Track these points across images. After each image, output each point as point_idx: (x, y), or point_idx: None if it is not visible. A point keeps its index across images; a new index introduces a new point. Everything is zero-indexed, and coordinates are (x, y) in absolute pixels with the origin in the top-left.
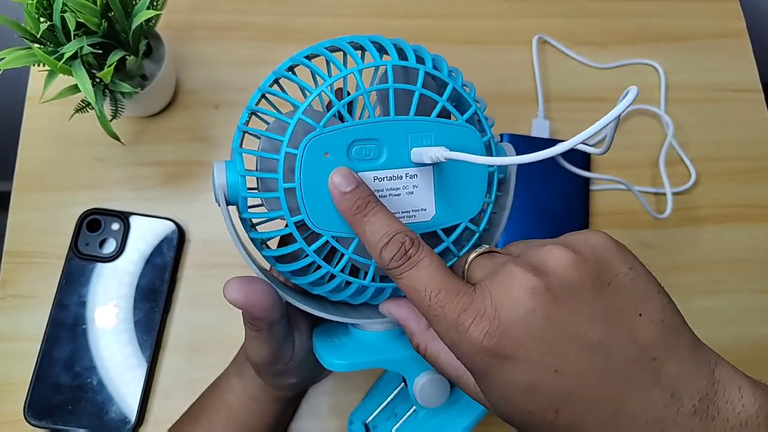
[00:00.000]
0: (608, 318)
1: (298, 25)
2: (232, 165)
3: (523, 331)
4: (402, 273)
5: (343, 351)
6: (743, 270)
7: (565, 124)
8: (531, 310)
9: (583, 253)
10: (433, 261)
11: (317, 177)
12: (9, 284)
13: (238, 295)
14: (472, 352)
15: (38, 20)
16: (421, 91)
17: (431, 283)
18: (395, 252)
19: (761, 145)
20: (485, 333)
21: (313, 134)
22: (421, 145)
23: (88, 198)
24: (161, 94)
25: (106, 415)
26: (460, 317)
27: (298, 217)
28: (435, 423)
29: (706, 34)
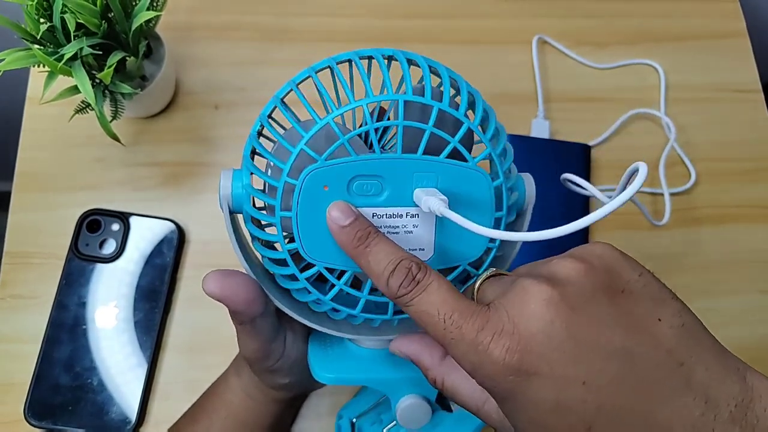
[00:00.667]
0: (628, 324)
1: (298, 26)
2: (238, 175)
3: (545, 344)
4: (412, 299)
5: (333, 364)
6: (743, 270)
7: (565, 124)
8: (550, 322)
9: (592, 263)
10: (443, 284)
11: (314, 208)
12: (9, 285)
13: (214, 287)
14: (495, 373)
15: (38, 21)
16: (433, 130)
17: (444, 306)
18: (402, 278)
19: (761, 146)
20: (506, 349)
21: (314, 167)
22: (426, 185)
23: (88, 198)
24: (161, 95)
25: (107, 415)
26: (478, 336)
27: (291, 246)
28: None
29: (706, 35)
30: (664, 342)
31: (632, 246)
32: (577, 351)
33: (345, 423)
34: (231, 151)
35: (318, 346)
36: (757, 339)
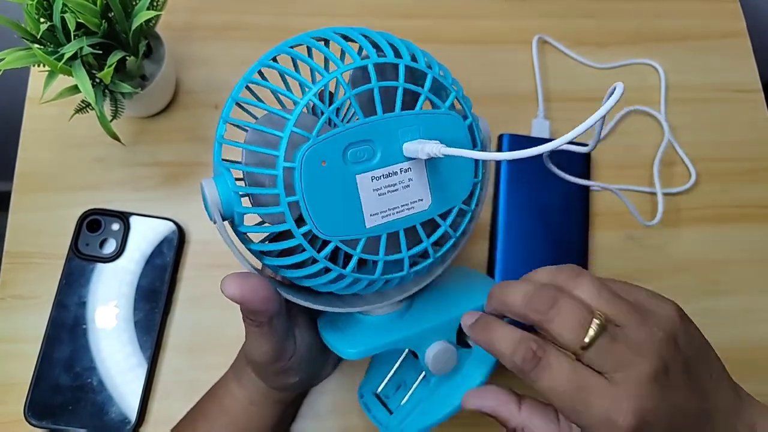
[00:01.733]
0: (700, 391)
1: (298, 25)
2: (221, 180)
3: (654, 416)
4: (538, 375)
5: (354, 339)
6: (743, 270)
7: (566, 124)
8: (660, 401)
9: (675, 336)
10: (562, 359)
11: (317, 186)
12: (9, 285)
13: (235, 290)
14: None
15: (38, 21)
16: (405, 85)
17: (568, 383)
18: (524, 354)
19: (761, 145)
20: (629, 425)
21: (308, 145)
22: (411, 138)
23: (88, 198)
24: (161, 95)
25: (107, 415)
26: (611, 413)
27: (304, 228)
28: (448, 386)
29: (706, 34)
30: (716, 399)
31: (632, 245)
32: (674, 419)
33: (370, 398)
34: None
35: (331, 329)
36: (757, 339)
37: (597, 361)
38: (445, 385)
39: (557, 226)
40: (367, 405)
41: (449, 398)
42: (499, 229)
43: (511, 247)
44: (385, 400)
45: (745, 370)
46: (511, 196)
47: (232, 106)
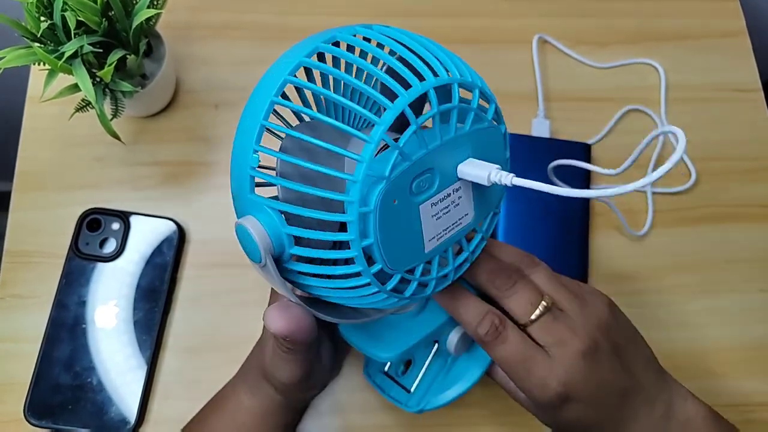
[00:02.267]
0: (626, 371)
1: (299, 25)
2: (267, 219)
3: (583, 386)
4: (495, 346)
5: (389, 343)
6: (743, 270)
7: (566, 123)
8: (588, 374)
9: (609, 324)
10: (515, 334)
11: (388, 225)
12: (9, 284)
13: (282, 325)
14: (548, 399)
15: (39, 19)
16: (460, 106)
17: (517, 354)
18: (488, 328)
19: (761, 145)
20: (559, 389)
21: (383, 187)
22: (462, 157)
23: (88, 197)
24: (161, 94)
25: (106, 415)
26: (546, 381)
27: (375, 268)
28: (464, 359)
29: (706, 34)
30: (640, 379)
31: (632, 245)
32: (599, 391)
33: (380, 378)
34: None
35: (359, 334)
36: (757, 339)
37: (540, 336)
38: (461, 360)
39: (557, 227)
40: (380, 385)
41: (467, 372)
42: (500, 230)
43: None
44: (397, 378)
45: (744, 370)
46: (512, 197)
47: (262, 131)
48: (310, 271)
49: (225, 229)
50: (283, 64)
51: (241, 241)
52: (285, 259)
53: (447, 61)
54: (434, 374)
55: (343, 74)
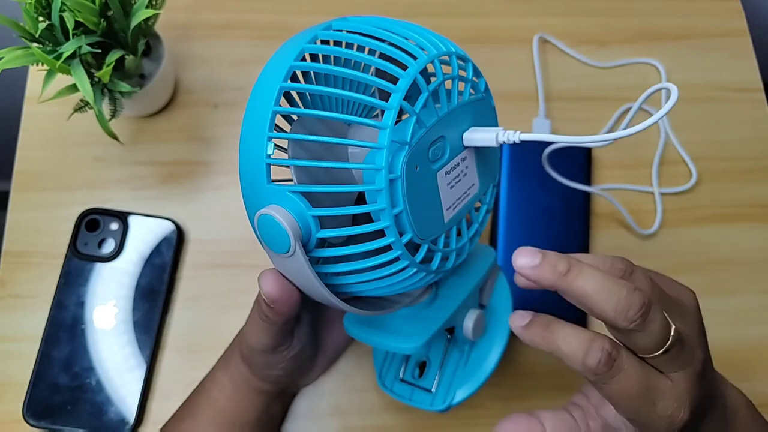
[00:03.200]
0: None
1: (298, 24)
2: (293, 205)
3: (700, 405)
4: (612, 377)
5: (407, 334)
6: (743, 270)
7: (566, 123)
8: (701, 390)
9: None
10: (632, 362)
11: (414, 192)
12: (8, 284)
13: (273, 289)
14: (676, 430)
15: (37, 19)
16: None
17: (640, 386)
18: (599, 357)
19: (762, 145)
20: (686, 421)
21: (407, 152)
22: (465, 126)
23: (87, 198)
24: (160, 94)
25: (105, 415)
26: (673, 411)
27: (406, 238)
28: (479, 348)
29: (707, 33)
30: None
31: (632, 245)
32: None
33: (399, 386)
34: (230, 150)
35: (371, 330)
36: (757, 339)
37: (666, 365)
38: (477, 348)
39: (558, 226)
40: (400, 393)
41: (485, 359)
42: (500, 229)
43: (512, 248)
44: (415, 382)
45: (745, 370)
46: (512, 196)
47: (274, 118)
48: (335, 254)
49: (224, 229)
50: (276, 70)
51: (263, 232)
52: (310, 247)
53: (426, 39)
54: (453, 367)
55: (341, 69)
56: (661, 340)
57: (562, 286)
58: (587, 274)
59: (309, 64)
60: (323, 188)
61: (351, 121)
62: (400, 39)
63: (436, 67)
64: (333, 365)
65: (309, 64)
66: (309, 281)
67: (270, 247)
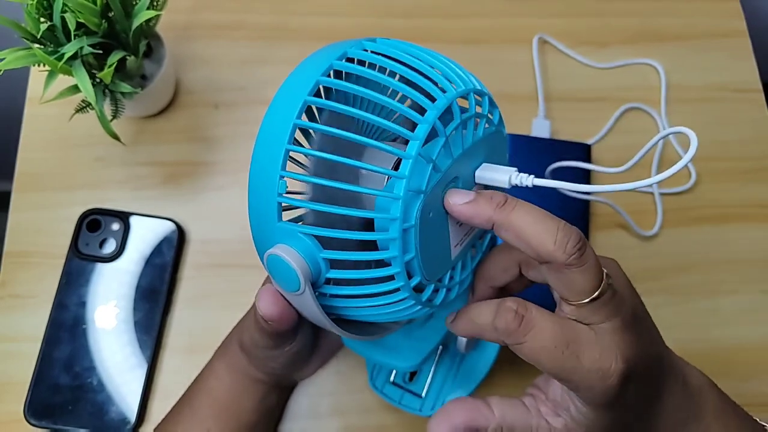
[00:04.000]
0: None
1: (298, 25)
2: (302, 246)
3: (639, 359)
4: (526, 335)
5: (405, 351)
6: (743, 270)
7: (566, 124)
8: (636, 345)
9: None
10: (544, 316)
11: (425, 238)
12: (9, 284)
13: (272, 310)
14: (610, 386)
15: (38, 20)
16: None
17: (557, 338)
18: (506, 317)
19: (762, 145)
20: (622, 371)
21: (422, 200)
22: (477, 162)
23: (88, 198)
24: (161, 94)
25: (106, 415)
26: (603, 363)
27: (414, 281)
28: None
29: (706, 34)
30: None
31: (633, 246)
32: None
33: (390, 389)
34: (231, 150)
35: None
36: (758, 339)
37: (592, 314)
38: (468, 358)
39: None
40: (390, 396)
41: (476, 367)
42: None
43: None
44: (405, 386)
45: (745, 370)
46: None
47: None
48: (344, 293)
49: (225, 230)
50: (299, 84)
51: (274, 271)
52: (319, 284)
53: (449, 71)
54: (444, 374)
55: (368, 92)
56: (596, 281)
57: (499, 218)
58: (524, 206)
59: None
60: (335, 233)
61: (373, 145)
62: (427, 68)
63: (454, 110)
64: (333, 365)
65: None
66: (315, 315)
67: (280, 285)
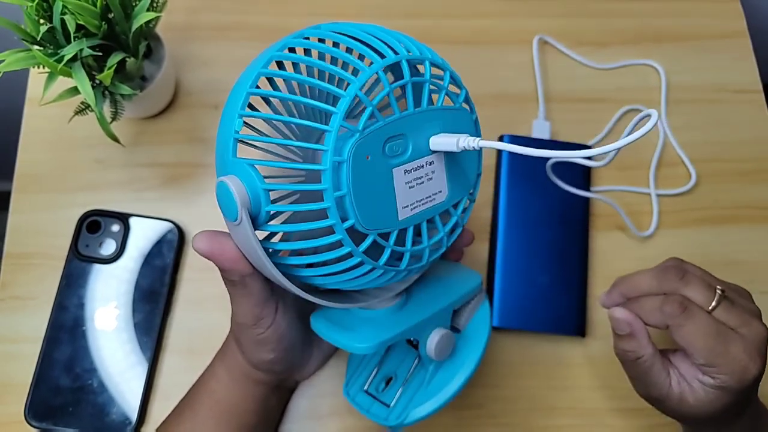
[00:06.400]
0: None
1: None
2: (247, 177)
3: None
4: (687, 320)
5: (362, 334)
6: (743, 271)
7: (566, 125)
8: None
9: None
10: (703, 312)
11: (361, 181)
12: (9, 286)
13: (205, 246)
14: (748, 380)
15: (38, 22)
16: (432, 81)
17: (710, 327)
18: (675, 305)
19: (762, 146)
20: (759, 370)
21: (356, 139)
22: (434, 131)
23: (88, 199)
24: (161, 96)
25: (107, 416)
26: (745, 360)
27: (348, 224)
28: (444, 371)
29: (706, 35)
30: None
31: (631, 246)
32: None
33: (361, 397)
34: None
35: (330, 326)
36: None
37: (726, 319)
38: (442, 371)
39: (557, 227)
40: (360, 404)
41: (447, 384)
42: (500, 230)
43: (512, 248)
44: (377, 395)
45: None
46: (512, 197)
47: (247, 99)
48: (281, 230)
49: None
50: (255, 64)
51: (219, 199)
52: (260, 221)
53: (410, 43)
54: (415, 387)
55: (295, 75)
56: (708, 294)
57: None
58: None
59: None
60: (275, 163)
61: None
62: (375, 40)
63: (404, 68)
64: (333, 366)
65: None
66: (253, 250)
67: (224, 214)
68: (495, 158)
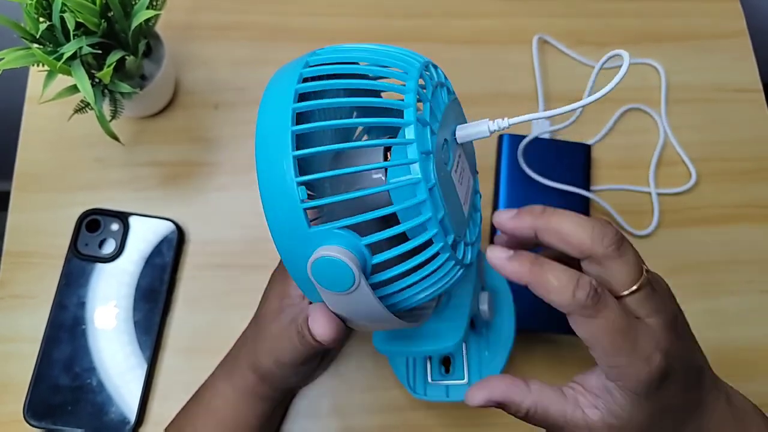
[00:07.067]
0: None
1: (298, 25)
2: (344, 240)
3: (677, 360)
4: (598, 312)
5: (443, 333)
6: (743, 270)
7: None
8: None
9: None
10: (614, 301)
11: (446, 196)
12: (8, 284)
13: (328, 331)
14: (651, 378)
15: (37, 20)
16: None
17: (621, 322)
18: (588, 291)
19: (762, 145)
20: (661, 366)
21: (434, 159)
22: (452, 126)
23: (88, 198)
24: (160, 94)
25: (106, 415)
26: (651, 353)
27: (450, 239)
28: (494, 328)
29: (706, 34)
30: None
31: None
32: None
33: (433, 389)
34: (230, 151)
35: (405, 343)
36: (757, 339)
37: (638, 307)
38: (492, 328)
39: None
40: (437, 395)
41: (503, 333)
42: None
43: None
44: (446, 379)
45: (745, 371)
46: (511, 197)
47: (296, 162)
48: (390, 275)
49: (224, 230)
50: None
51: (322, 276)
52: (367, 275)
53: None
54: (477, 352)
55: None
56: (636, 274)
57: (540, 223)
58: (561, 211)
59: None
60: (369, 215)
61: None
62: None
63: (425, 78)
64: (332, 366)
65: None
66: (372, 310)
67: (330, 289)
68: (495, 158)
